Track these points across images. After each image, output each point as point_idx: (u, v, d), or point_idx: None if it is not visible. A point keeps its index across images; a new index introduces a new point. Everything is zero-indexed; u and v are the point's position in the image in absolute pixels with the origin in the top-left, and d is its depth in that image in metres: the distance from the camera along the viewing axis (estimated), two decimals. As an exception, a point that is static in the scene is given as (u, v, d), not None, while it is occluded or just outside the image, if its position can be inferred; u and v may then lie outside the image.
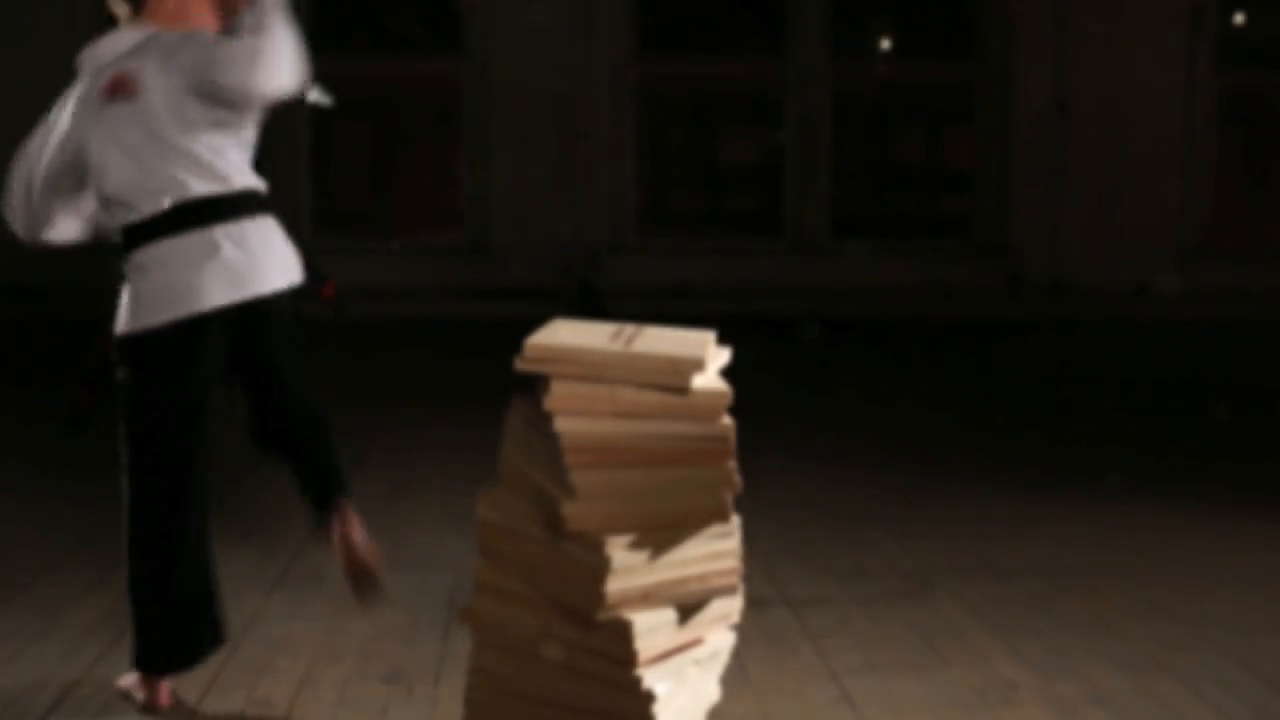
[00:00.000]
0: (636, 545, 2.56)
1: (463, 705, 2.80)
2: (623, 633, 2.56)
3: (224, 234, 3.09)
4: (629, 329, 2.74)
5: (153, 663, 3.14)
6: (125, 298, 3.16)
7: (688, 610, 2.66)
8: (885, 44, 12.25)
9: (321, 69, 3.29)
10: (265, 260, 3.14)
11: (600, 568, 2.52)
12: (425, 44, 11.99)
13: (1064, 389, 8.20)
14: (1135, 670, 3.49)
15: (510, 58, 11.29)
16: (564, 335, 2.66)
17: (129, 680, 3.21)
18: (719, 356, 2.74)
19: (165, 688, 3.18)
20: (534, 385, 2.72)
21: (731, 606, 2.75)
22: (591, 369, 2.55)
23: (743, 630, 3.02)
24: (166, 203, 3.07)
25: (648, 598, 2.58)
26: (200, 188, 3.08)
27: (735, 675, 3.33)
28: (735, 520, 2.67)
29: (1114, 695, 3.32)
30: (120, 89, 3.10)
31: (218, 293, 3.07)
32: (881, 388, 8.19)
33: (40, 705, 3.19)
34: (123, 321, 3.16)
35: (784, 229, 11.92)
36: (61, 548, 4.53)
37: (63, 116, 3.18)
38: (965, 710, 3.22)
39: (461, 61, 11.49)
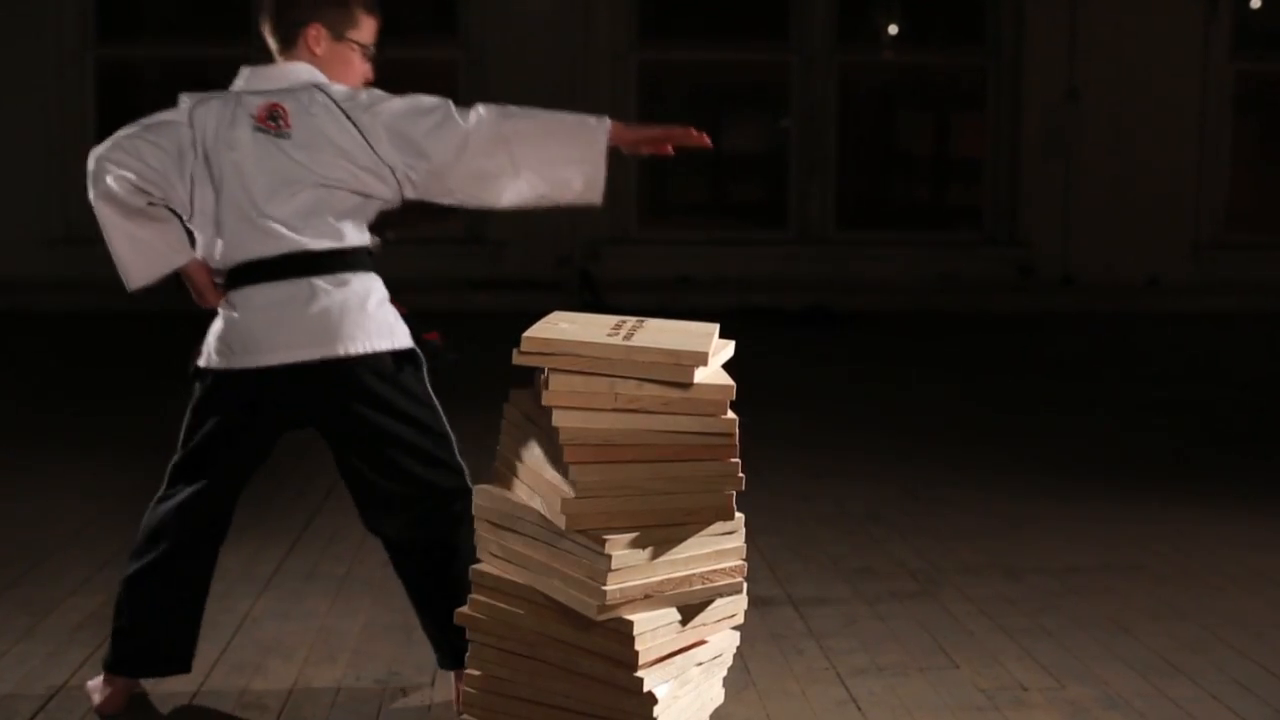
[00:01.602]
0: (638, 543, 2.55)
1: (460, 707, 2.79)
2: (624, 633, 2.56)
3: (308, 290, 2.99)
4: (630, 321, 2.73)
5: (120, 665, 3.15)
6: (210, 329, 3.12)
7: (690, 610, 2.66)
8: (893, 29, 12.22)
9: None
10: (329, 324, 2.98)
11: (600, 566, 2.52)
12: (421, 30, 11.97)
13: (1075, 383, 8.19)
14: (1149, 671, 3.49)
15: (508, 44, 11.28)
16: (563, 328, 2.65)
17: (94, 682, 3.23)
18: (722, 350, 2.73)
19: (121, 694, 3.18)
20: (532, 379, 2.71)
21: (735, 606, 2.75)
22: (591, 362, 2.55)
23: (747, 631, 3.01)
24: (270, 250, 2.99)
25: (649, 597, 2.58)
26: (306, 242, 2.99)
27: (739, 676, 3.33)
28: (739, 518, 2.66)
29: (1127, 697, 3.31)
30: (271, 119, 3.04)
31: (280, 351, 2.99)
32: (889, 382, 8.18)
33: (27, 707, 3.18)
34: (202, 353, 3.12)
35: (789, 220, 11.91)
36: (51, 544, 4.53)
37: (196, 125, 3.09)
38: (975, 713, 3.22)
39: (458, 48, 11.48)
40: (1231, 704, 3.28)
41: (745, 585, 2.73)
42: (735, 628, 2.81)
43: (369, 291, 3.06)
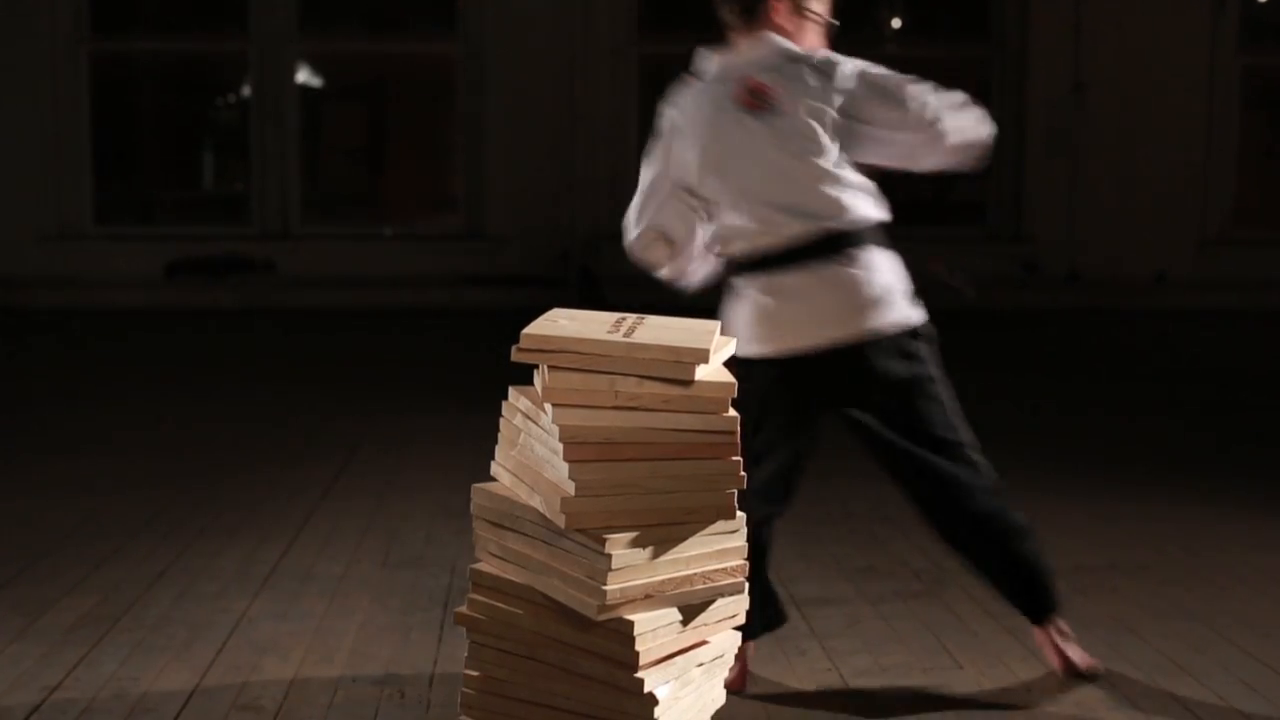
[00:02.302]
0: (638, 542, 2.55)
1: (458, 708, 2.79)
2: (624, 633, 2.55)
3: (825, 274, 3.12)
4: (630, 318, 2.73)
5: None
6: (727, 318, 3.23)
7: (691, 610, 2.66)
8: (896, 23, 12.22)
9: (313, 50, 3.29)
10: (862, 301, 3.14)
11: (601, 566, 2.51)
12: (420, 24, 11.97)
13: (1080, 380, 8.19)
14: (1155, 672, 3.48)
15: (507, 38, 11.27)
16: (563, 325, 2.65)
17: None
18: (724, 347, 2.73)
19: (742, 667, 3.27)
20: (532, 376, 2.71)
21: (737, 606, 2.74)
22: (591, 360, 2.54)
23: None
24: (781, 234, 3.12)
25: (650, 597, 2.57)
26: (818, 223, 3.12)
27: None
28: (740, 517, 2.66)
29: (1133, 698, 3.31)
30: (757, 99, 3.14)
31: (794, 338, 3.13)
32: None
33: (20, 709, 3.18)
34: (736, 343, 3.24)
35: (791, 215, 11.89)
36: (45, 543, 4.52)
37: (687, 124, 3.21)
38: (979, 714, 3.21)
39: (457, 42, 11.47)
40: (1239, 705, 3.27)
41: (747, 585, 2.72)
42: (737, 628, 2.80)
43: (886, 266, 3.18)
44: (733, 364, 3.18)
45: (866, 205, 3.21)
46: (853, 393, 3.21)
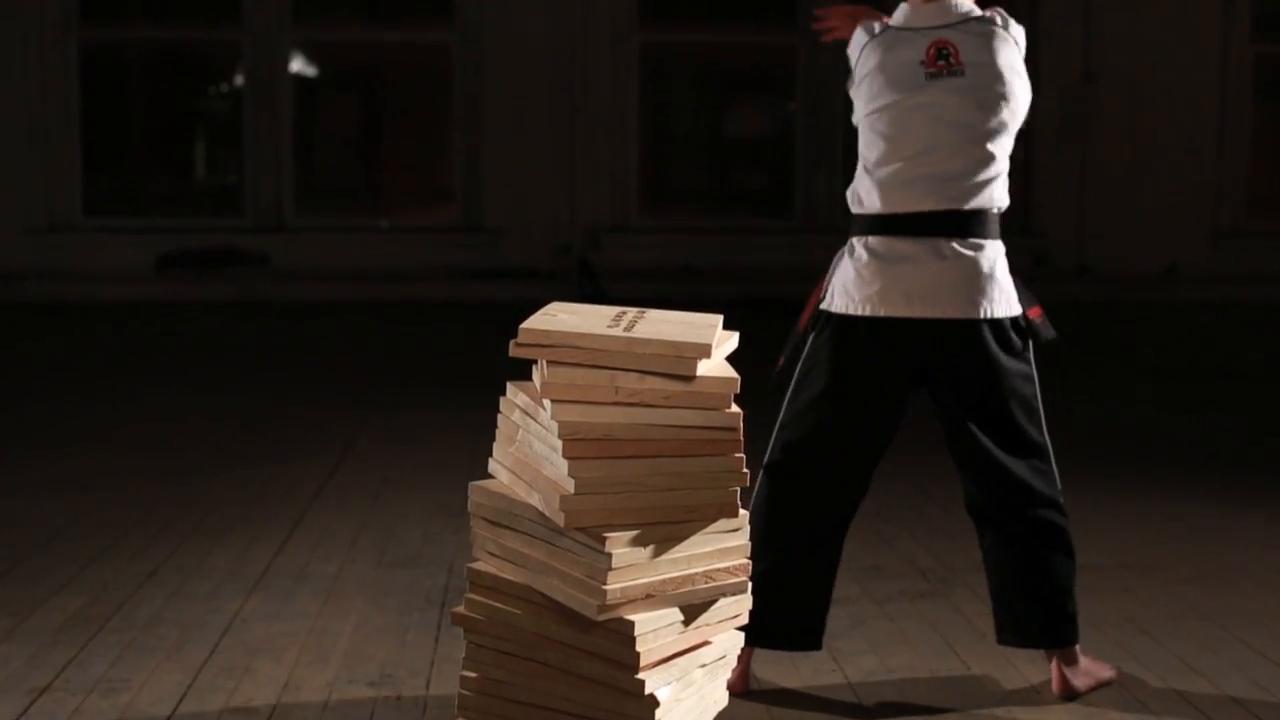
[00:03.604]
0: (639, 541, 2.55)
1: (455, 710, 2.79)
2: (625, 634, 2.55)
3: (949, 250, 3.16)
4: (631, 312, 2.73)
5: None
6: (835, 274, 3.25)
7: (693, 610, 2.65)
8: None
9: (307, 39, 3.27)
10: (981, 283, 3.17)
11: (601, 565, 2.51)
12: (416, 13, 11.96)
13: (1090, 375, 8.18)
14: (1167, 673, 3.48)
15: (506, 27, 11.26)
16: (562, 319, 2.64)
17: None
18: (726, 341, 2.73)
19: (743, 669, 3.24)
20: (530, 371, 2.70)
21: (739, 606, 2.74)
22: (591, 355, 2.54)
23: (751, 631, 3.00)
24: (921, 204, 3.14)
25: (651, 597, 2.57)
26: (960, 202, 3.18)
27: (743, 679, 3.32)
28: (744, 515, 2.66)
29: (1145, 700, 3.31)
30: (944, 60, 3.15)
31: (904, 303, 3.14)
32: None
33: (8, 711, 3.18)
34: (826, 296, 3.25)
35: (794, 207, 11.89)
36: (33, 543, 4.52)
37: (872, 75, 3.20)
38: (986, 715, 3.21)
39: (454, 31, 11.46)
40: (1253, 707, 3.27)
41: (750, 585, 2.72)
42: (740, 628, 2.80)
43: (999, 257, 3.24)
44: (817, 320, 3.22)
45: (1003, 193, 3.28)
46: (950, 372, 3.19)
